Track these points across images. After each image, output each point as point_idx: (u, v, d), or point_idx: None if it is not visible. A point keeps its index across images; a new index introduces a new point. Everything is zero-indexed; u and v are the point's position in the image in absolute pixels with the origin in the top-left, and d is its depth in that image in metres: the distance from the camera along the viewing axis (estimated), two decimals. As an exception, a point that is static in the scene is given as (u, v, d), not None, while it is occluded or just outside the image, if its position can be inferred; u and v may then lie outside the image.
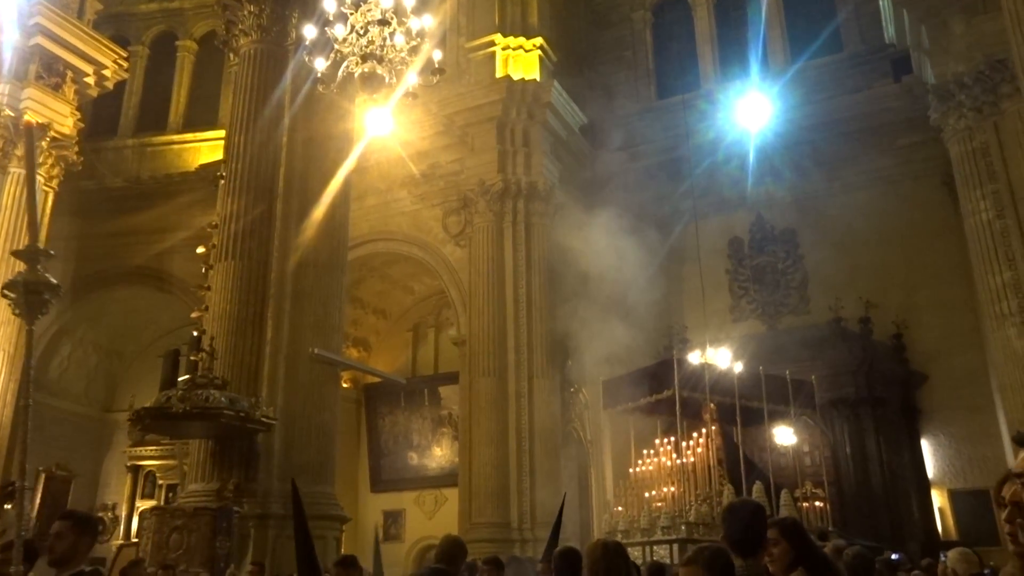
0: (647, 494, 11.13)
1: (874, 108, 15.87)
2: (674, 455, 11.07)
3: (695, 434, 11.01)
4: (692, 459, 10.83)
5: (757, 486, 10.59)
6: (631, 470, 12.07)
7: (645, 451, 11.78)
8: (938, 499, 14.90)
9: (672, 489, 10.84)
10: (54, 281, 2.92)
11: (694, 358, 11.82)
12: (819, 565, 3.18)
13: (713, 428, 11.33)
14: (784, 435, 13.32)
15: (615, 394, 12.13)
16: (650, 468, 11.43)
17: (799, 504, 11.25)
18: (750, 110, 15.92)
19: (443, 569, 4.57)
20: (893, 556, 8.75)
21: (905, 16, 13.93)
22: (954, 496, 14.64)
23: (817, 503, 11.84)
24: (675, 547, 9.82)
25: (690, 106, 17.81)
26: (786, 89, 16.29)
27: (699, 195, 16.97)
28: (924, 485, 14.89)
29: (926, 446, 15.19)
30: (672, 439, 11.28)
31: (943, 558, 8.71)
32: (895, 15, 14.56)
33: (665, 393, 10.80)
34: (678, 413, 10.48)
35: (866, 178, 16.13)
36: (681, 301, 17.15)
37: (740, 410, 11.07)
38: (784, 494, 10.88)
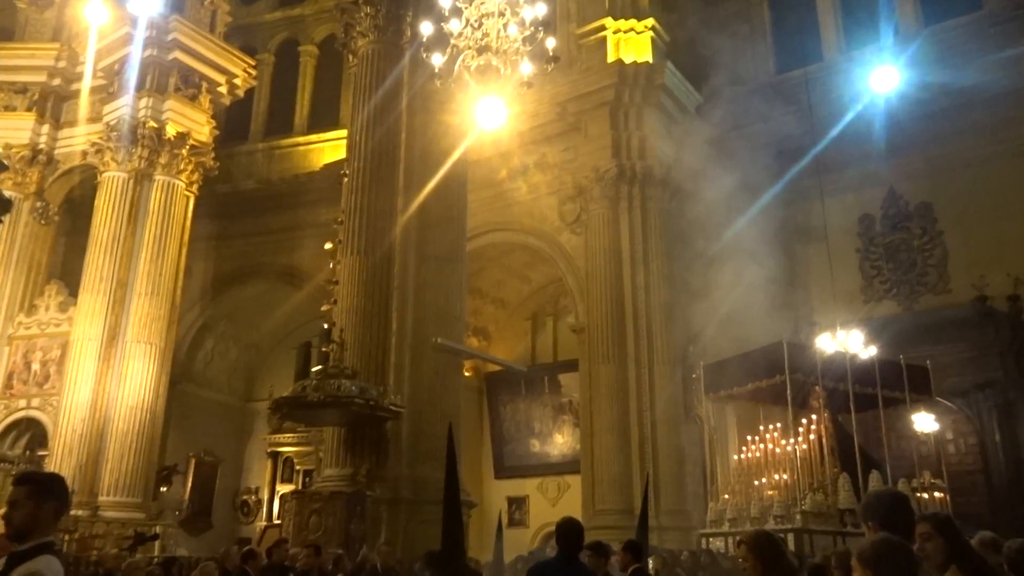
0: (756, 482, 10.74)
1: (1018, 70, 14.65)
2: (783, 442, 10.60)
3: (804, 421, 10.50)
4: (805, 446, 10.33)
5: (874, 475, 10.05)
6: (735, 457, 11.71)
7: (749, 437, 11.38)
8: (1103, 490, 13.70)
9: (784, 477, 10.40)
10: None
11: (823, 341, 11.30)
12: (974, 563, 3.00)
13: (824, 415, 10.75)
14: (923, 422, 12.58)
15: (717, 379, 11.68)
16: (757, 455, 11.00)
17: (917, 495, 10.56)
18: (879, 79, 15.03)
19: (568, 556, 4.61)
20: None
21: (1054, -34, 12.79)
22: (1121, 487, 13.43)
23: (937, 494, 11.10)
24: (791, 536, 9.44)
25: (812, 79, 16.98)
26: (918, 54, 15.29)
27: (824, 172, 16.19)
28: (1086, 475, 13.73)
29: (1088, 433, 13.98)
30: (778, 426, 10.79)
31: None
32: (1042, -34, 13.39)
33: (776, 378, 10.30)
34: (789, 399, 10.03)
35: (1011, 145, 14.93)
36: (808, 283, 16.46)
37: (854, 397, 10.43)
38: (901, 483, 10.28)
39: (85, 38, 16.64)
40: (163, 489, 15.87)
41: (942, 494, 11.18)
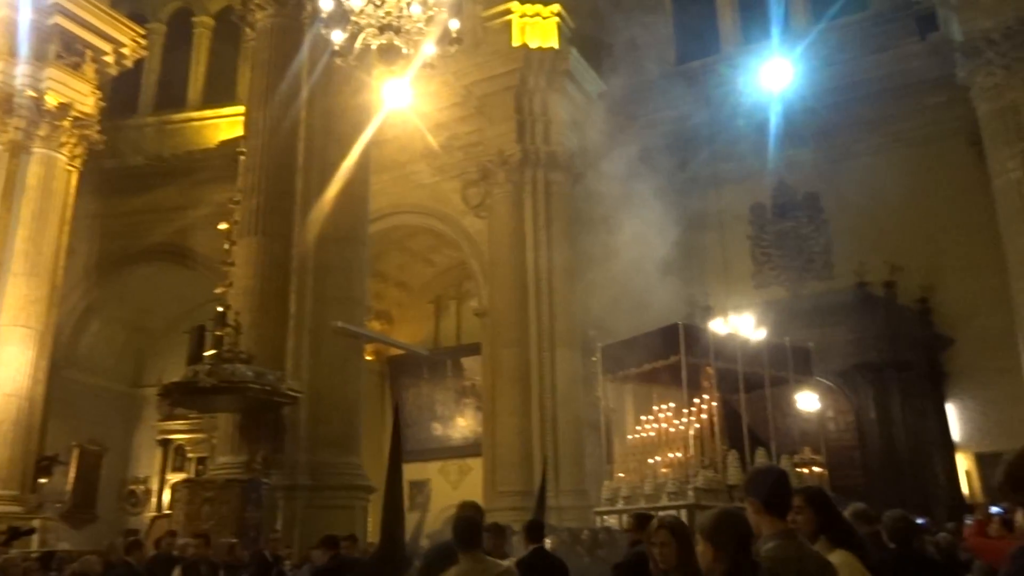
0: (650, 460, 11.02)
1: (899, 68, 15.53)
2: (676, 421, 10.93)
3: (696, 400, 10.85)
4: (698, 425, 10.67)
5: (760, 452, 10.51)
6: (629, 436, 12.00)
7: (643, 417, 11.64)
8: (965, 462, 14.82)
9: (678, 455, 10.74)
10: None
11: (716, 325, 11.70)
12: (842, 533, 3.18)
13: (714, 395, 11.10)
14: (806, 401, 13.24)
15: (616, 360, 11.88)
16: (651, 434, 11.30)
17: (797, 470, 11.12)
18: (772, 73, 15.65)
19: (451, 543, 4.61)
20: (918, 521, 8.71)
21: (931, -28, 13.59)
22: (981, 459, 14.55)
23: (816, 469, 11.73)
24: (683, 512, 9.74)
25: (711, 71, 17.55)
26: (809, 50, 15.97)
27: (720, 161, 16.79)
28: (949, 449, 14.81)
29: (952, 410, 15.07)
30: (672, 405, 11.10)
31: (968, 521, 8.67)
32: (921, -29, 14.20)
33: (672, 359, 10.56)
34: (684, 380, 10.34)
35: (891, 140, 15.85)
36: (703, 268, 17.03)
37: (743, 377, 10.80)
38: (784, 460, 10.80)
39: (-47, -3, 15.37)
40: (42, 480, 15.00)
41: (821, 468, 11.79)
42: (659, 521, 3.18)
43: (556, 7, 16.34)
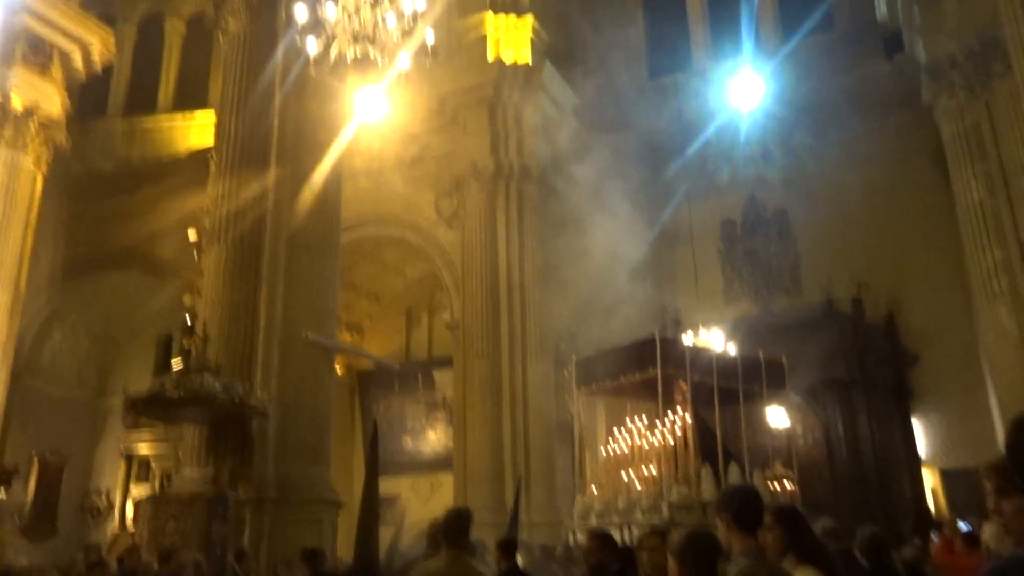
0: (624, 475, 10.97)
1: (866, 87, 15.82)
2: (648, 436, 10.90)
3: (670, 414, 10.83)
4: (672, 440, 10.65)
5: (733, 467, 10.55)
6: (602, 451, 11.97)
7: (616, 431, 11.59)
8: (930, 478, 15.02)
9: (652, 470, 10.72)
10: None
11: (686, 340, 11.74)
12: (810, 551, 3.21)
13: (688, 409, 11.08)
14: (776, 416, 13.34)
15: (589, 373, 11.82)
16: (625, 449, 11.25)
17: (770, 484, 11.16)
18: (742, 90, 15.85)
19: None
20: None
21: (898, -6, 13.87)
22: (945, 475, 14.76)
23: (787, 483, 11.80)
24: None
25: (682, 86, 17.74)
26: (778, 68, 16.22)
27: (691, 176, 16.94)
28: (915, 464, 15.01)
29: (917, 426, 15.29)
30: (645, 420, 11.08)
31: (934, 537, 8.79)
32: (888, -6, 14.48)
33: (651, 372, 10.53)
34: (659, 393, 10.33)
35: (857, 158, 16.11)
36: (674, 283, 17.15)
37: (717, 392, 10.79)
38: (756, 475, 10.84)
39: (-85, -3, 15.02)
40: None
41: (792, 485, 11.87)
42: (651, 527, 3.27)
43: (530, 19, 16.43)
